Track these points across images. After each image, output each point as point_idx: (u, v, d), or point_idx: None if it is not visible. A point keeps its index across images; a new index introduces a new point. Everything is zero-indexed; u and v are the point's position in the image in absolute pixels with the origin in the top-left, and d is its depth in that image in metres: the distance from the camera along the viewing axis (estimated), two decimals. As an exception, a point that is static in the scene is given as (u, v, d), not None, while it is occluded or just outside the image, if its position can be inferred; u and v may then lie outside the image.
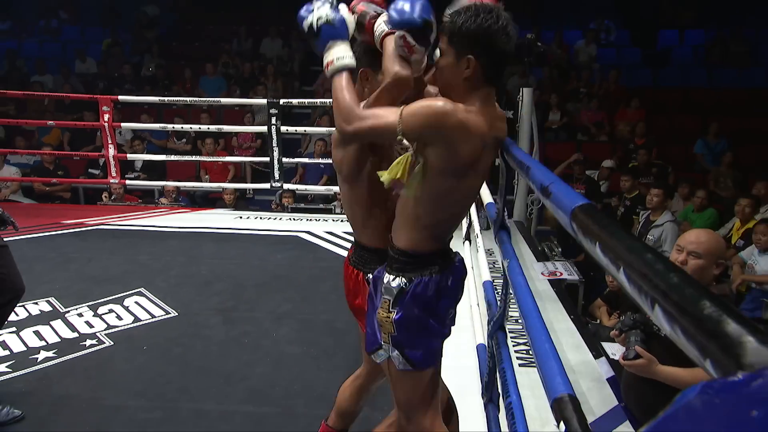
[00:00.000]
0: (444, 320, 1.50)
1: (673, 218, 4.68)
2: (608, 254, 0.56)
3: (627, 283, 0.51)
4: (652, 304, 0.46)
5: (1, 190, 6.39)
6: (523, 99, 5.01)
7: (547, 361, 0.84)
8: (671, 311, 0.42)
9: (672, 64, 9.29)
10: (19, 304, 3.44)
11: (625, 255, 0.52)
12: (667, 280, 0.44)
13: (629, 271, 0.50)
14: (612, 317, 3.85)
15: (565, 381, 0.77)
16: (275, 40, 9.82)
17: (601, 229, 0.60)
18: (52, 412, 2.41)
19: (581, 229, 0.66)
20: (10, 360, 2.82)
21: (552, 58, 8.92)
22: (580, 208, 0.69)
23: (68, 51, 10.11)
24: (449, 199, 1.41)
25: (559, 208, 0.78)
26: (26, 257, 4.27)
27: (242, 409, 2.44)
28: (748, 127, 7.80)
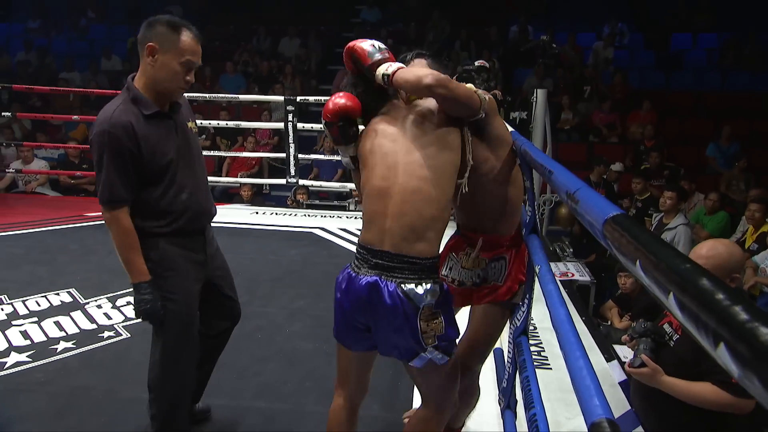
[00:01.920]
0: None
1: (686, 221, 4.55)
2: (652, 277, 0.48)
3: (680, 314, 0.44)
4: (715, 342, 0.38)
5: (30, 182, 6.42)
6: (537, 100, 4.89)
7: (582, 379, 0.76)
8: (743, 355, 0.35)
9: (685, 67, 9.09)
10: (42, 294, 3.45)
11: (674, 280, 0.44)
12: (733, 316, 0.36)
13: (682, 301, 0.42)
14: (623, 319, 3.74)
15: (603, 403, 0.69)
16: (293, 40, 9.78)
17: (640, 244, 0.52)
18: (69, 403, 2.37)
19: (616, 243, 0.58)
20: (31, 350, 2.79)
21: (565, 60, 8.77)
22: (613, 219, 0.61)
23: (95, 49, 10.16)
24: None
25: (588, 217, 0.70)
26: (50, 248, 4.28)
27: (254, 404, 2.39)
28: (761, 130, 7.60)
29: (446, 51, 9.22)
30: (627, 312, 3.78)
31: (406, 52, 1.82)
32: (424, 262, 1.45)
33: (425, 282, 1.44)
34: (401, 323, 1.43)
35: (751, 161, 6.79)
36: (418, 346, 1.45)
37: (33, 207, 5.58)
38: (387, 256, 1.45)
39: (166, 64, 1.68)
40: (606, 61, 8.83)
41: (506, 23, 9.81)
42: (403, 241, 1.44)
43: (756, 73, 8.65)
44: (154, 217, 1.81)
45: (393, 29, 9.95)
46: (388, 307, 1.43)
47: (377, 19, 10.52)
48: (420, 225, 1.45)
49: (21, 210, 5.41)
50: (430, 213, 1.46)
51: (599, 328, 3.45)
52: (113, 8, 11.27)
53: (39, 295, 3.43)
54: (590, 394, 0.72)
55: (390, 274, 1.44)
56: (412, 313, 1.42)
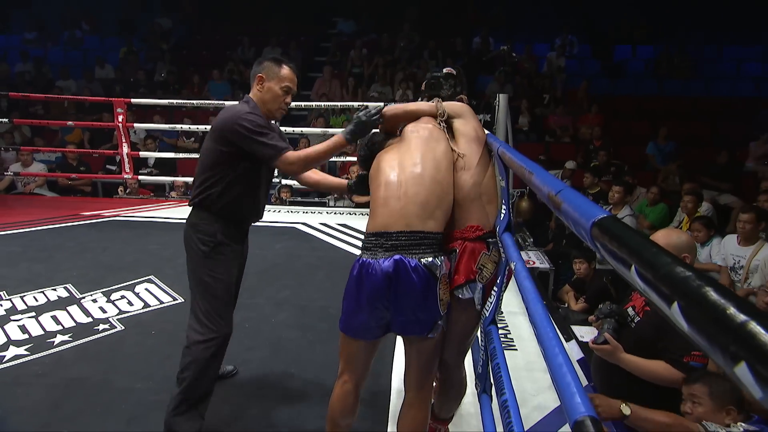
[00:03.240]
0: None
1: (632, 212, 4.59)
2: (651, 285, 0.42)
3: (686, 325, 0.37)
4: (733, 360, 0.32)
5: (28, 184, 6.13)
6: (500, 104, 4.86)
7: (563, 377, 0.70)
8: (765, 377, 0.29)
9: (626, 75, 9.22)
10: (39, 290, 3.27)
11: (678, 289, 0.38)
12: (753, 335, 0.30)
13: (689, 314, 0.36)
14: (579, 302, 3.75)
15: (585, 401, 0.64)
16: (275, 49, 9.57)
17: (634, 249, 0.46)
18: (64, 395, 2.24)
19: (605, 247, 0.52)
20: (29, 343, 2.64)
21: (523, 68, 8.80)
22: (600, 223, 0.55)
23: (89, 58, 9.78)
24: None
25: (573, 221, 0.64)
26: (47, 246, 4.08)
27: (243, 391, 2.29)
28: (693, 131, 7.77)
29: (416, 60, 9.15)
30: (582, 295, 3.78)
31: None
32: (435, 236, 1.50)
33: (438, 255, 1.48)
34: (426, 294, 1.45)
35: (685, 158, 6.93)
36: (437, 315, 1.48)
37: (31, 207, 5.32)
38: (403, 236, 1.46)
39: (271, 89, 1.90)
40: (558, 69, 8.89)
41: (470, 35, 9.79)
42: (417, 219, 1.47)
43: (686, 80, 8.84)
44: (235, 206, 1.87)
45: (367, 39, 9.83)
46: (413, 281, 1.43)
47: (352, 30, 10.38)
48: (430, 204, 1.50)
49: (19, 210, 5.15)
50: (437, 193, 1.52)
51: (558, 311, 3.44)
52: (106, 21, 10.88)
53: (37, 290, 3.25)
54: (572, 392, 0.67)
55: (409, 251, 1.45)
56: (433, 283, 1.45)
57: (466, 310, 1.58)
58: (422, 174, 1.53)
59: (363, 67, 9.07)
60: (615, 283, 3.64)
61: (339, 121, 7.58)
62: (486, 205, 1.60)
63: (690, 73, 8.97)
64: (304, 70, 9.50)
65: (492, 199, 1.63)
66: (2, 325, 2.81)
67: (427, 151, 1.58)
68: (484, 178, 1.62)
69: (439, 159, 1.57)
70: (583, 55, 9.60)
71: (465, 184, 1.60)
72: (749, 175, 6.57)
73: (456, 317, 1.59)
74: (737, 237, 3.85)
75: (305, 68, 9.56)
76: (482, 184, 1.61)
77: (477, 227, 1.57)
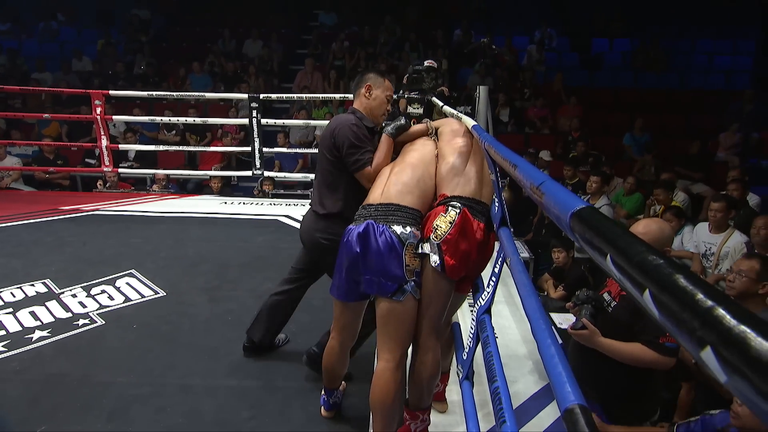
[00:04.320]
0: None
1: (609, 202, 4.65)
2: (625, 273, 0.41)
3: (656, 312, 0.37)
4: (700, 345, 0.31)
5: (3, 179, 5.96)
6: (480, 96, 4.86)
7: (554, 367, 0.70)
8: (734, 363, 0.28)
9: (604, 68, 9.31)
10: (16, 286, 3.19)
11: (650, 277, 0.38)
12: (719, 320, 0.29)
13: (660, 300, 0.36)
14: (558, 290, 3.79)
15: (575, 390, 0.64)
16: (256, 42, 9.43)
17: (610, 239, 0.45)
18: (44, 390, 2.19)
19: (583, 237, 0.51)
20: (6, 339, 2.57)
21: (503, 61, 8.81)
22: (579, 213, 0.55)
23: (66, 50, 9.50)
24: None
25: (554, 211, 0.63)
26: (24, 241, 3.97)
27: (226, 383, 2.27)
28: (667, 122, 7.89)
29: (397, 52, 9.09)
30: (561, 283, 3.83)
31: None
32: (411, 211, 1.70)
33: (409, 226, 1.67)
34: (391, 258, 1.62)
35: (660, 149, 7.04)
36: (402, 278, 1.62)
37: (7, 202, 5.16)
38: (382, 207, 1.71)
39: (378, 97, 2.15)
40: (538, 61, 8.93)
41: (451, 27, 9.77)
42: (396, 194, 1.73)
43: (661, 73, 8.97)
44: (356, 203, 1.95)
45: (349, 32, 9.73)
46: (378, 243, 1.63)
47: (334, 23, 10.27)
48: (410, 182, 1.75)
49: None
50: (417, 177, 1.78)
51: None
52: (83, 12, 10.56)
53: (14, 286, 3.16)
54: (562, 380, 0.67)
55: (382, 219, 1.67)
56: (399, 246, 1.63)
57: (425, 269, 1.67)
58: (409, 163, 1.84)
59: (345, 59, 8.99)
60: (593, 271, 3.69)
61: (321, 113, 7.51)
62: (456, 178, 1.77)
63: (664, 66, 9.09)
64: (286, 62, 9.39)
65: (461, 173, 1.78)
66: (-22, 321, 2.73)
67: (417, 153, 1.91)
68: (455, 156, 1.82)
69: (425, 155, 1.88)
70: (562, 48, 9.66)
71: (442, 170, 1.82)
72: (720, 164, 6.70)
73: (423, 280, 1.68)
74: (708, 225, 3.93)
75: (287, 61, 9.44)
76: (453, 164, 1.80)
77: (442, 195, 1.76)
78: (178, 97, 5.80)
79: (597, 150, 6.93)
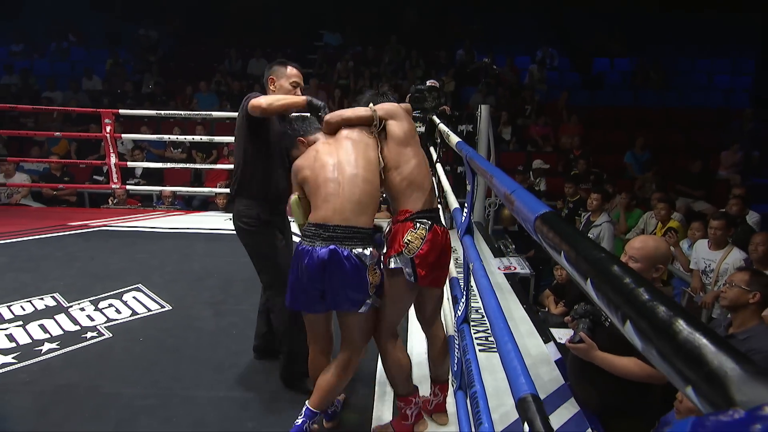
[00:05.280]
0: None
1: (609, 219, 4.72)
2: (574, 265, 0.49)
3: (595, 295, 0.45)
4: (623, 319, 0.39)
5: (13, 195, 6.09)
6: (482, 114, 4.98)
7: (510, 361, 0.77)
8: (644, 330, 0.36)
9: (605, 86, 9.46)
10: (26, 299, 3.27)
11: (591, 267, 0.46)
12: (637, 298, 0.37)
13: (597, 283, 0.44)
14: (559, 306, 3.84)
15: (528, 381, 0.71)
16: (260, 61, 9.66)
17: (564, 238, 0.53)
18: (52, 401, 2.25)
19: (544, 237, 0.59)
20: (16, 351, 2.65)
21: (505, 80, 8.98)
22: (542, 217, 0.63)
23: (76, 70, 9.75)
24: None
25: (522, 216, 0.71)
26: (34, 256, 4.07)
27: (230, 395, 2.33)
28: (667, 140, 7.99)
29: (401, 71, 9.28)
30: (561, 299, 3.87)
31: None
32: (367, 231, 1.78)
33: (368, 247, 1.76)
34: (357, 279, 1.73)
35: (660, 167, 7.12)
36: (366, 295, 1.76)
37: (17, 218, 5.29)
38: (340, 229, 1.74)
39: (282, 86, 2.20)
40: (540, 80, 9.09)
41: (454, 47, 9.98)
42: (352, 215, 1.75)
43: (661, 91, 9.11)
44: (267, 182, 2.25)
45: (353, 52, 9.95)
46: (345, 267, 1.71)
47: (338, 43, 10.50)
48: (363, 202, 1.78)
49: (5, 221, 5.11)
50: (368, 192, 1.80)
51: (538, 314, 3.52)
52: (93, 33, 10.86)
53: (24, 300, 3.25)
54: (517, 373, 0.74)
55: (343, 242, 1.73)
56: (363, 270, 1.73)
57: (391, 276, 1.84)
58: (357, 175, 1.80)
59: (349, 79, 9.18)
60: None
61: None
62: (411, 192, 1.87)
63: (664, 84, 9.24)
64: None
65: (418, 185, 1.88)
66: (-11, 334, 2.81)
67: (360, 156, 1.84)
68: (410, 168, 1.88)
69: (370, 162, 1.84)
70: (563, 68, 9.83)
71: (395, 180, 1.88)
72: (722, 182, 6.77)
73: (386, 288, 1.85)
74: (708, 242, 3.99)
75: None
76: (407, 176, 1.87)
77: (406, 211, 1.86)
78: (186, 116, 5.95)
79: (598, 168, 7.02)
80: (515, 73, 9.30)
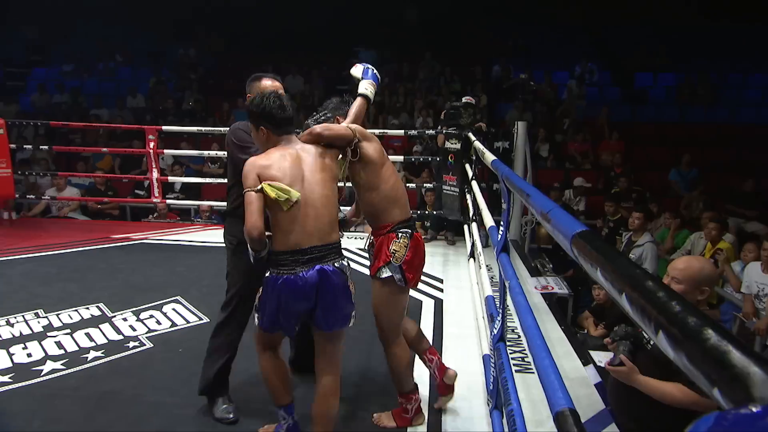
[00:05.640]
0: None
1: (652, 239, 4.61)
2: (610, 280, 0.53)
3: (630, 308, 0.49)
4: (655, 330, 0.43)
5: (62, 208, 6.45)
6: (518, 131, 4.99)
7: (548, 376, 0.80)
8: (675, 337, 0.39)
9: (648, 102, 9.29)
10: (73, 309, 3.46)
11: (626, 282, 0.49)
12: (669, 309, 0.41)
13: (631, 297, 0.48)
14: (598, 328, 3.77)
15: (565, 395, 0.74)
16: (296, 78, 9.96)
17: (601, 255, 0.57)
18: (98, 407, 2.38)
19: (582, 254, 0.63)
20: (65, 358, 2.80)
21: (542, 96, 8.96)
22: (579, 235, 0.67)
23: (122, 88, 10.32)
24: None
25: (559, 233, 0.75)
26: (81, 267, 4.30)
27: (267, 407, 2.39)
28: (715, 157, 7.76)
29: (435, 87, 9.39)
30: (601, 321, 3.81)
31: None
32: (338, 245, 1.87)
33: (343, 258, 1.86)
34: (344, 292, 1.81)
35: (708, 185, 6.91)
36: (353, 306, 1.85)
37: (65, 230, 5.60)
38: (316, 249, 1.78)
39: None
40: (579, 96, 9.02)
41: (489, 63, 10.03)
42: (326, 234, 1.81)
43: (709, 107, 8.87)
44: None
45: (388, 68, 10.14)
46: (336, 283, 1.79)
47: (373, 59, 10.71)
48: (332, 221, 1.85)
49: (54, 233, 5.43)
50: (334, 211, 1.87)
51: (577, 336, 3.47)
52: (138, 52, 11.49)
53: (71, 309, 3.44)
54: (555, 387, 0.77)
55: (324, 260, 1.79)
56: (345, 281, 1.82)
57: (384, 285, 2.03)
58: (324, 194, 1.84)
59: (384, 95, 9.35)
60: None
61: (360, 147, 7.79)
62: (391, 207, 2.05)
63: (712, 99, 9.00)
64: (326, 98, 9.80)
65: (396, 200, 2.07)
66: (40, 340, 2.99)
67: (327, 179, 1.87)
68: (388, 188, 2.05)
69: (332, 181, 1.90)
70: (603, 83, 9.72)
71: (374, 200, 2.05)
72: (776, 202, 6.51)
73: (375, 292, 2.05)
74: (761, 264, 3.85)
75: (327, 96, 9.85)
76: (386, 194, 2.05)
77: (386, 225, 2.05)
78: (225, 132, 6.19)
79: (640, 186, 6.88)
80: (553, 88, 9.27)
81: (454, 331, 3.26)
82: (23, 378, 2.59)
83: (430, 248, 5.21)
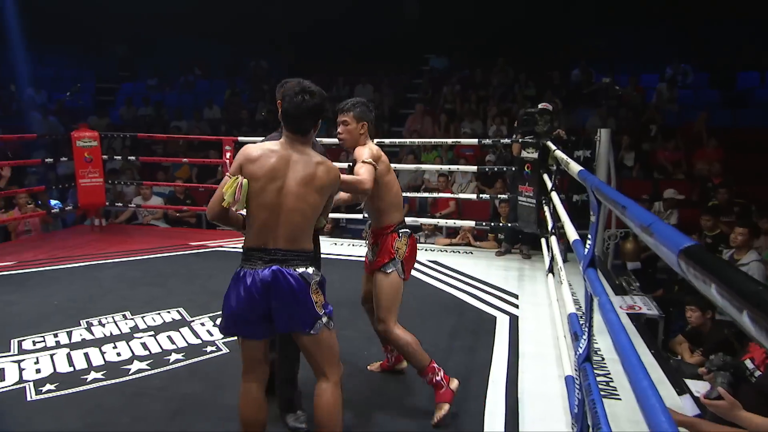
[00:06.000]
0: None
1: (759, 257, 4.26)
2: (728, 298, 0.52)
3: (753, 328, 0.48)
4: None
5: (146, 215, 7.00)
6: (601, 139, 4.82)
7: (647, 399, 0.78)
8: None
9: (751, 104, 8.62)
10: (157, 312, 3.74)
11: (748, 299, 0.48)
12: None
13: (755, 315, 0.47)
14: (695, 354, 3.53)
15: (669, 420, 0.72)
16: (366, 87, 10.18)
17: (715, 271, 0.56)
18: (180, 407, 2.56)
19: (691, 271, 0.62)
20: (150, 359, 3.04)
21: (627, 101, 8.57)
22: (687, 250, 0.65)
23: (199, 100, 11.06)
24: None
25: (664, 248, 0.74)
26: (163, 273, 4.65)
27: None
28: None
29: (510, 94, 9.25)
30: (698, 347, 3.57)
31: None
32: (307, 254, 1.92)
33: (309, 266, 1.90)
34: (301, 297, 1.86)
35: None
36: (315, 314, 1.90)
37: (147, 236, 6.07)
38: (281, 252, 1.86)
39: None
40: (670, 100, 8.54)
41: (568, 67, 9.75)
42: (294, 242, 1.87)
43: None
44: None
45: (460, 75, 10.13)
46: (291, 286, 1.85)
47: (445, 66, 10.75)
48: (304, 230, 1.91)
49: (137, 239, 5.90)
50: (305, 223, 1.91)
51: (670, 362, 3.28)
52: (216, 65, 12.29)
53: (154, 312, 3.73)
54: (656, 411, 0.74)
55: (286, 264, 1.86)
56: (305, 287, 1.87)
57: (387, 276, 2.44)
58: (297, 207, 1.87)
59: (456, 103, 9.34)
60: (739, 337, 3.40)
61: (430, 157, 7.83)
62: (390, 210, 2.51)
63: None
64: (397, 106, 9.98)
65: (397, 205, 2.56)
66: (128, 341, 3.26)
67: (309, 192, 1.89)
68: (392, 195, 2.51)
69: (315, 194, 1.91)
70: (699, 85, 9.15)
71: (381, 206, 2.49)
72: None
73: (379, 283, 2.45)
74: None
75: (397, 105, 10.03)
76: (390, 201, 2.50)
77: (388, 226, 2.50)
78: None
79: (743, 198, 6.37)
80: (640, 92, 8.83)
81: (531, 350, 3.18)
82: (114, 376, 2.84)
83: (504, 262, 5.17)
